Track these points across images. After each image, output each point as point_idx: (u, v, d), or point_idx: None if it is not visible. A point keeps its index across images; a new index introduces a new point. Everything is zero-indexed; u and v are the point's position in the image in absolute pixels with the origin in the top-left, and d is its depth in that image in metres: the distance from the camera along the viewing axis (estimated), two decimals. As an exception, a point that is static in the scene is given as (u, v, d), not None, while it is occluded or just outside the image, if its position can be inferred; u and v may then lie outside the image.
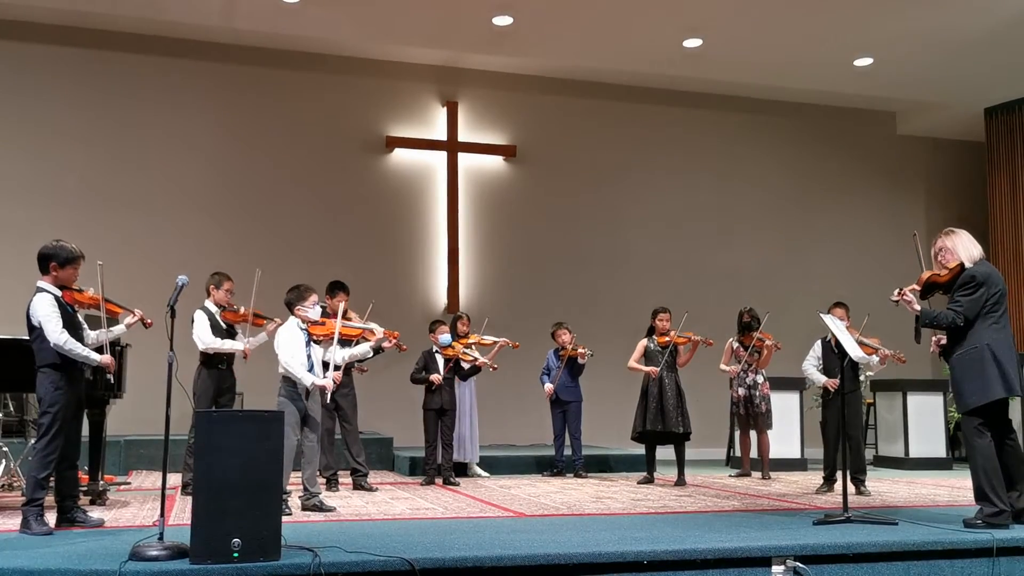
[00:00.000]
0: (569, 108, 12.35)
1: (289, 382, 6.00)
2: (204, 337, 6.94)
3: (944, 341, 5.58)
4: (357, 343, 6.71)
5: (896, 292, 5.63)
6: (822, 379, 7.77)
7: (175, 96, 10.96)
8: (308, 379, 5.95)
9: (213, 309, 7.10)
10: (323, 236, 11.26)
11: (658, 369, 8.25)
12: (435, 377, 7.98)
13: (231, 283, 7.18)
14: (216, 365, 7.08)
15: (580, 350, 8.79)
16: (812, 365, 7.90)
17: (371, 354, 6.84)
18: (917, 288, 5.62)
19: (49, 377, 5.19)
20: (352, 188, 11.54)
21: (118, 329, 5.71)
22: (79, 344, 5.26)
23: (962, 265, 5.46)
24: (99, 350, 5.50)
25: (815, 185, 13.28)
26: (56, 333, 5.15)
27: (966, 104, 12.83)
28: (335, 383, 6.28)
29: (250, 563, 4.00)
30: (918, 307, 5.53)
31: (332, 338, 6.27)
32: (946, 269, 5.53)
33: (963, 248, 5.52)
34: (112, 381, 6.05)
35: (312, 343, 6.12)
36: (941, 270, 5.58)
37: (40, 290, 5.29)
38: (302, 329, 6.08)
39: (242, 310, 7.11)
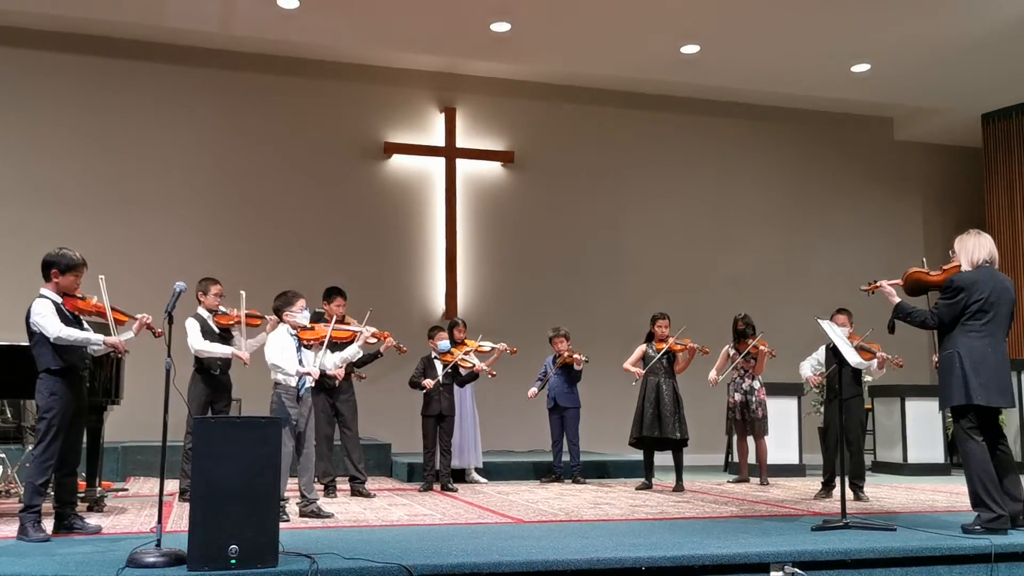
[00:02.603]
0: (567, 114, 12.36)
1: (282, 388, 6.00)
2: (195, 342, 6.95)
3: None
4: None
5: (868, 283, 5.71)
6: (808, 373, 7.82)
7: (173, 102, 10.96)
8: (294, 368, 5.98)
9: (205, 315, 7.10)
10: (321, 242, 11.26)
11: (643, 372, 8.29)
12: (427, 382, 7.99)
13: (219, 287, 7.19)
14: (209, 371, 7.08)
15: (576, 356, 8.80)
16: (809, 364, 7.91)
17: (361, 354, 6.82)
18: (899, 283, 5.68)
19: (47, 383, 5.18)
20: (350, 194, 11.54)
21: (125, 336, 5.70)
22: (76, 330, 5.25)
23: (959, 268, 5.50)
24: (106, 357, 5.47)
25: (812, 191, 13.30)
26: (54, 327, 5.13)
27: (963, 110, 12.86)
28: (336, 379, 6.75)
29: (247, 570, 4.00)
30: (897, 299, 5.61)
31: (322, 343, 6.28)
32: (941, 269, 5.57)
33: (965, 252, 5.57)
34: (123, 352, 5.82)
35: (303, 348, 6.14)
36: (934, 269, 5.63)
37: (41, 296, 5.29)
38: (292, 335, 6.09)
39: (234, 312, 7.11)
